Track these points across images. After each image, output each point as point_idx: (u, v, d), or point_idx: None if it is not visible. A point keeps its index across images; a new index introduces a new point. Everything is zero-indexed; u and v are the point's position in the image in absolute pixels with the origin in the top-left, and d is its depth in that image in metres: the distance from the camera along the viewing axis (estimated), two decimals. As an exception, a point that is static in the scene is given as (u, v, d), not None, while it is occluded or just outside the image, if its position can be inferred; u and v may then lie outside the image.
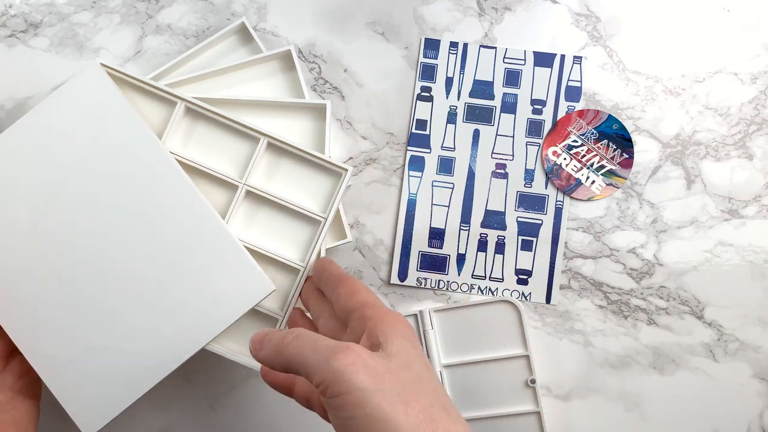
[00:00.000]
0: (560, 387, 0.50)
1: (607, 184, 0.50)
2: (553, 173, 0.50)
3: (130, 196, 0.43)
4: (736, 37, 0.50)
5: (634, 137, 0.50)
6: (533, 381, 0.48)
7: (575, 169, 0.50)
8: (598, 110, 0.50)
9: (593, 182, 0.50)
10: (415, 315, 0.49)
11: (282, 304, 0.45)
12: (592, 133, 0.50)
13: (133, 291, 0.42)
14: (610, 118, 0.50)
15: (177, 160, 0.44)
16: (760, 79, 0.50)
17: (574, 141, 0.50)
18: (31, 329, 0.43)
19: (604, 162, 0.50)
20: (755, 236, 0.50)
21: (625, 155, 0.50)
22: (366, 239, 0.51)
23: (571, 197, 0.50)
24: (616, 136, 0.50)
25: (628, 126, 0.50)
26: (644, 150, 0.50)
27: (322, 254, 0.46)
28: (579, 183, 0.50)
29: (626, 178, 0.50)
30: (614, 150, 0.50)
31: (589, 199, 0.50)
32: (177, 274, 0.42)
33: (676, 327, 0.49)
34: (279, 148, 0.45)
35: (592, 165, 0.50)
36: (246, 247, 0.43)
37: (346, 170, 0.44)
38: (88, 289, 0.42)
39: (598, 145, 0.50)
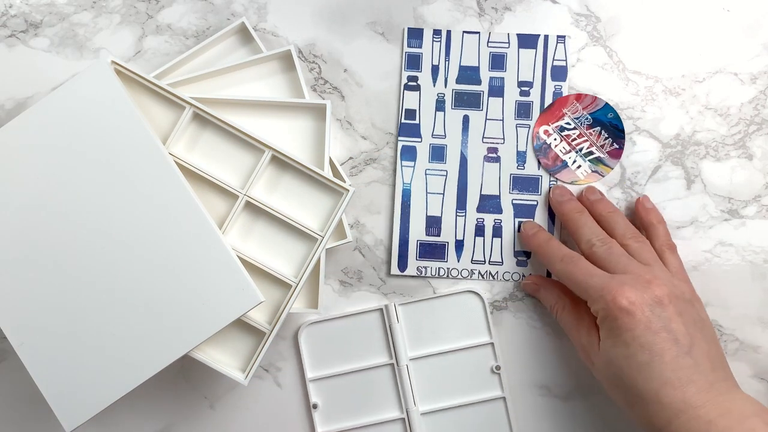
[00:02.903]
0: (560, 387, 0.50)
1: (593, 171, 0.50)
2: (540, 152, 0.50)
3: (127, 197, 0.43)
4: (736, 37, 0.50)
5: (634, 137, 0.50)
6: (498, 367, 0.49)
7: (563, 150, 0.50)
8: (595, 96, 0.50)
9: (579, 167, 0.50)
10: (381, 309, 0.50)
11: (271, 317, 0.45)
12: (586, 118, 0.50)
13: (122, 291, 0.42)
14: (606, 107, 0.50)
15: (179, 164, 0.44)
16: (760, 79, 0.50)
17: (567, 123, 0.50)
18: (21, 324, 0.43)
19: (593, 149, 0.50)
20: (755, 236, 0.50)
21: (615, 145, 0.50)
22: (366, 239, 0.51)
23: (555, 177, 0.50)
24: (609, 125, 0.50)
25: (628, 126, 0.50)
26: (644, 150, 0.50)
27: (322, 263, 0.46)
28: (565, 165, 0.50)
29: (612, 168, 0.50)
30: (605, 138, 0.50)
31: (572, 183, 0.50)
32: (167, 278, 0.42)
33: (676, 327, 0.49)
34: (283, 162, 0.45)
35: (581, 150, 0.50)
36: (239, 258, 0.43)
37: (348, 190, 0.45)
38: (79, 286, 0.42)
39: (591, 131, 0.50)
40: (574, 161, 0.50)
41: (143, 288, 0.42)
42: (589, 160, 0.50)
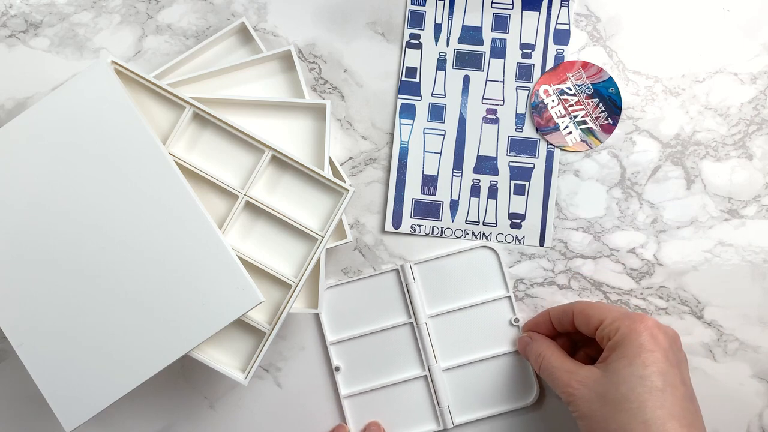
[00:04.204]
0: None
1: (582, 140, 0.50)
2: (536, 110, 0.50)
3: (127, 198, 0.43)
4: (736, 37, 0.50)
5: (634, 137, 0.50)
6: (516, 320, 0.49)
7: (558, 114, 0.50)
8: (601, 68, 0.50)
9: (570, 133, 0.50)
10: (397, 270, 0.50)
11: (271, 317, 0.45)
12: (588, 88, 0.50)
13: (122, 291, 0.42)
14: (610, 81, 0.50)
15: (179, 165, 0.44)
16: (760, 79, 0.50)
17: (568, 88, 0.50)
18: (21, 324, 0.43)
19: (587, 119, 0.50)
20: (755, 236, 0.50)
21: (610, 121, 0.50)
22: (366, 239, 0.51)
23: (544, 138, 0.50)
24: (608, 100, 0.50)
25: (628, 126, 0.50)
26: (644, 150, 0.50)
27: (322, 262, 0.46)
28: (556, 128, 0.50)
29: (602, 142, 0.50)
30: (601, 111, 0.50)
31: (559, 147, 0.50)
32: (167, 278, 0.42)
33: (676, 327, 0.49)
34: (283, 162, 0.45)
35: (575, 117, 0.50)
36: (239, 258, 0.43)
37: (348, 190, 0.45)
38: (79, 286, 0.42)
39: (589, 101, 0.50)
40: (567, 127, 0.50)
41: (143, 288, 0.42)
42: (581, 129, 0.50)
